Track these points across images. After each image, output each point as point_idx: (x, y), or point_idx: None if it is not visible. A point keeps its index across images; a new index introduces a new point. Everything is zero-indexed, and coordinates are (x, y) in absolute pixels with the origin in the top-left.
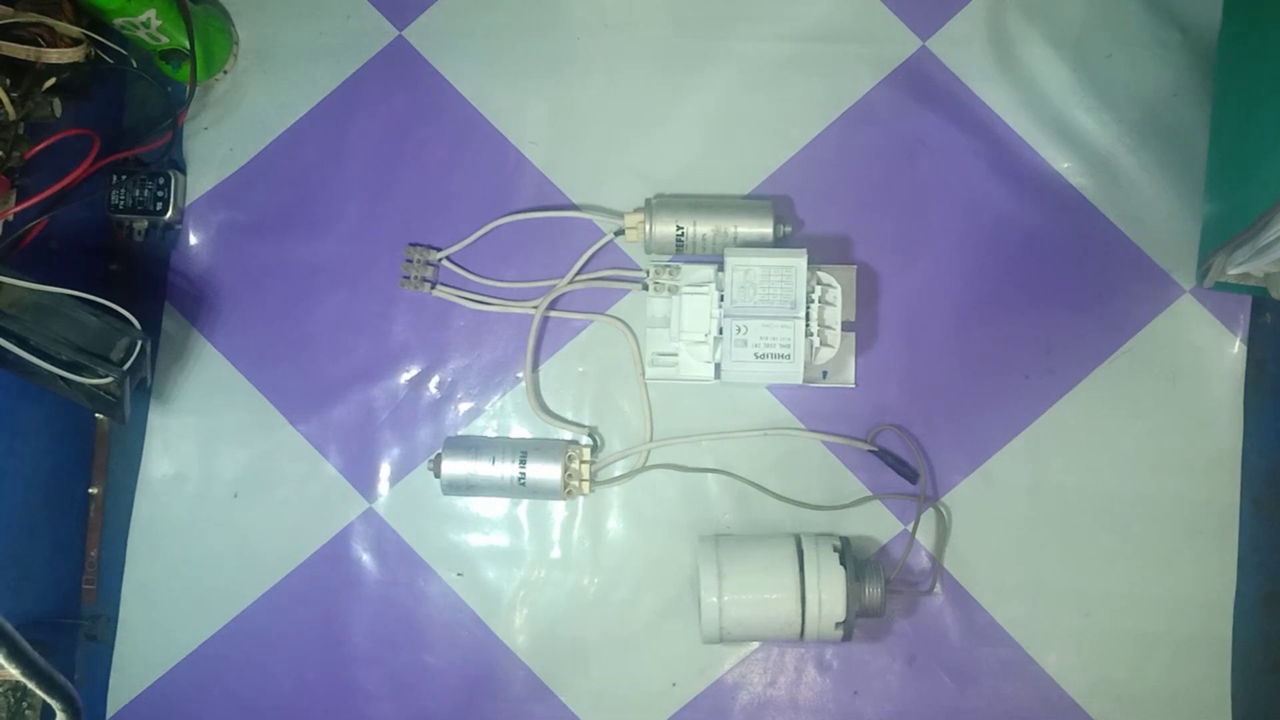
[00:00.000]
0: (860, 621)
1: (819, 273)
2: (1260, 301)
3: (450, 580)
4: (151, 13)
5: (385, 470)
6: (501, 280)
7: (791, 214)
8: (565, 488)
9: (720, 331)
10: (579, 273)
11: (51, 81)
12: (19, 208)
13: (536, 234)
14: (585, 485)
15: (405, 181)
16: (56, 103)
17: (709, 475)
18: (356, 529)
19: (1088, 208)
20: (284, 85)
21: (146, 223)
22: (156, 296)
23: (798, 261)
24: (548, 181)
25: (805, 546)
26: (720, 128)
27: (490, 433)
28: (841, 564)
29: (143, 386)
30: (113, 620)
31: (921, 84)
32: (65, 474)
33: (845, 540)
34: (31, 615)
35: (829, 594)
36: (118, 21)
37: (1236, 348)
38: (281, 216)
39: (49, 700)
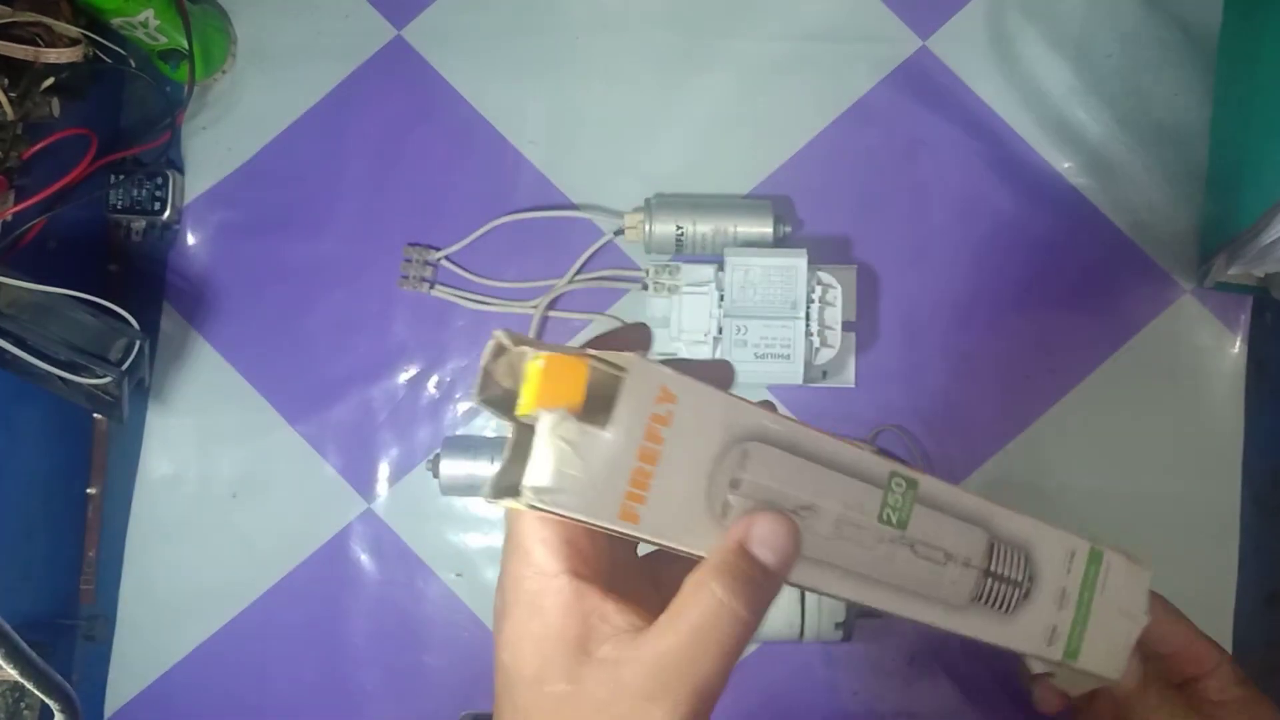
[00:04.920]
0: (860, 621)
1: (819, 273)
2: (1261, 301)
3: (449, 581)
4: (149, 12)
5: (384, 470)
6: (501, 280)
7: (791, 214)
8: None
9: (720, 331)
10: (578, 273)
11: (50, 81)
12: (17, 208)
13: (536, 234)
14: None
15: (404, 181)
16: (55, 102)
17: None
18: (355, 529)
19: (1088, 207)
20: (282, 85)
21: (145, 222)
22: (155, 296)
23: (798, 261)
24: (547, 181)
25: None
26: (720, 128)
27: (489, 433)
28: None
29: (141, 386)
30: (111, 620)
31: (921, 84)
32: (63, 474)
33: None
34: (29, 615)
35: None
36: (116, 21)
37: (1237, 348)
38: (280, 216)
39: (47, 700)
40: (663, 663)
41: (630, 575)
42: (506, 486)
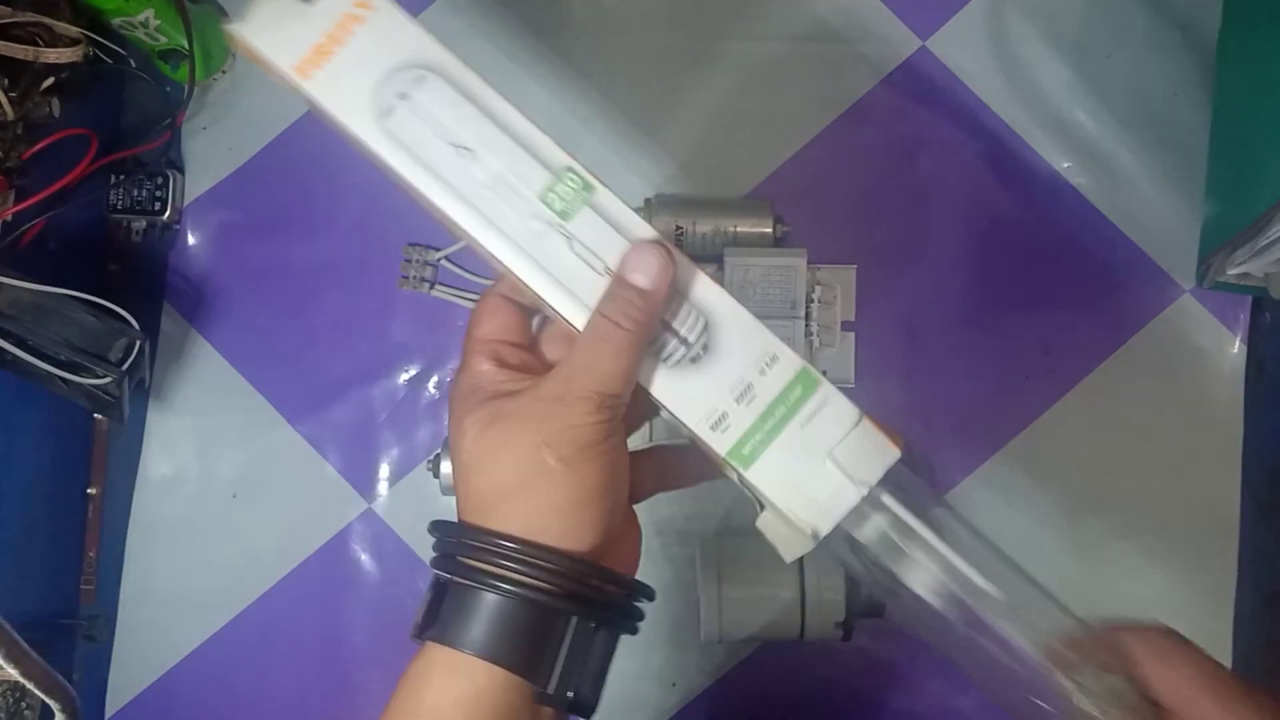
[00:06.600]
0: (860, 621)
1: (819, 273)
2: (1260, 301)
3: None
4: (150, 12)
5: (384, 470)
6: None
7: (792, 214)
8: None
9: None
10: None
11: (50, 81)
12: (17, 208)
13: None
14: None
15: None
16: (55, 102)
17: None
18: (355, 529)
19: (1087, 207)
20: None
21: (145, 223)
22: (155, 296)
23: (797, 261)
24: None
25: None
26: (720, 128)
27: None
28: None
29: (141, 386)
30: (111, 620)
31: (921, 84)
32: (63, 474)
33: None
34: (30, 615)
35: (829, 594)
36: (116, 21)
37: (1236, 347)
38: (280, 216)
39: (47, 701)
40: (566, 372)
41: None
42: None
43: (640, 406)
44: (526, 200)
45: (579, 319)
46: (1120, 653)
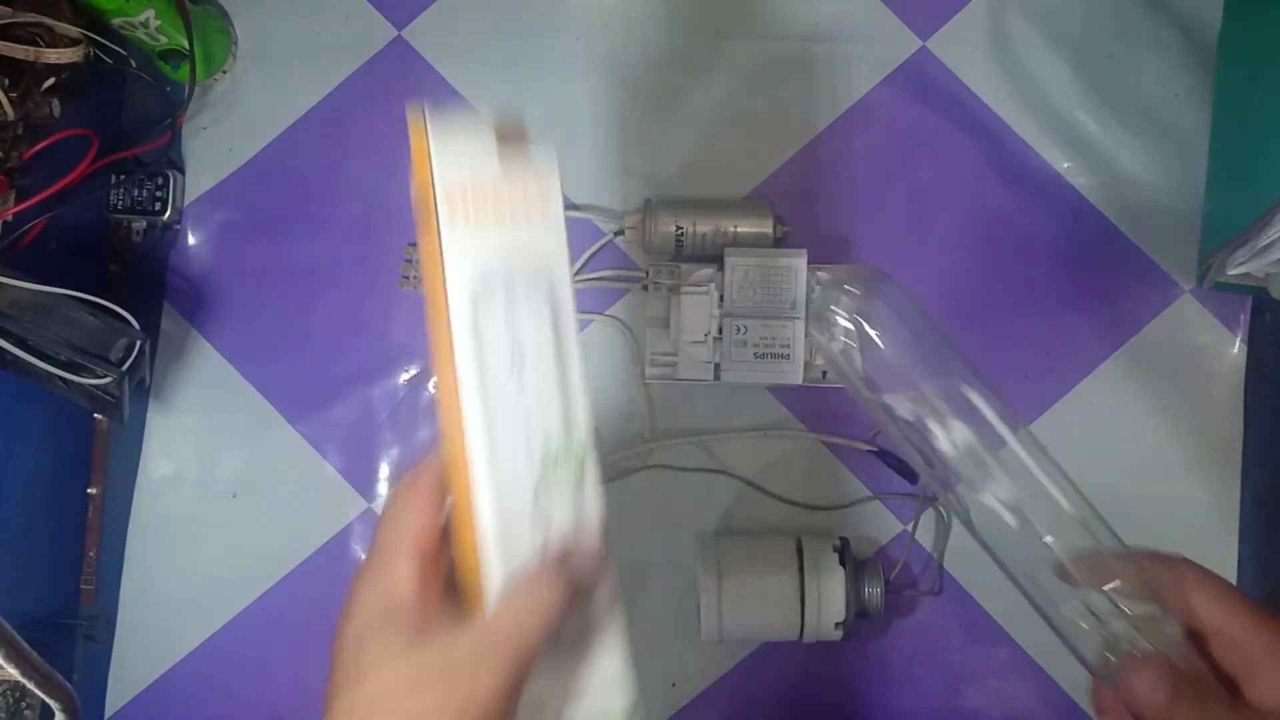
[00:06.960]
0: (860, 621)
1: (819, 273)
2: (1260, 301)
3: None
4: (150, 13)
5: (384, 470)
6: None
7: (792, 214)
8: None
9: (720, 331)
10: (579, 273)
11: (50, 81)
12: (18, 208)
13: None
14: None
15: (404, 181)
16: (55, 103)
17: (709, 475)
18: (356, 529)
19: (1088, 207)
20: (283, 85)
21: (145, 223)
22: (155, 296)
23: (798, 261)
24: None
25: (805, 546)
26: (720, 128)
27: None
28: (841, 564)
29: (141, 386)
30: (111, 620)
31: (921, 84)
32: (64, 474)
33: (845, 540)
34: (30, 615)
35: (828, 594)
36: (116, 21)
37: (1237, 348)
38: (280, 216)
39: (47, 700)
40: (490, 632)
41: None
42: None
43: None
44: (533, 447)
45: (496, 566)
46: (1155, 579)
